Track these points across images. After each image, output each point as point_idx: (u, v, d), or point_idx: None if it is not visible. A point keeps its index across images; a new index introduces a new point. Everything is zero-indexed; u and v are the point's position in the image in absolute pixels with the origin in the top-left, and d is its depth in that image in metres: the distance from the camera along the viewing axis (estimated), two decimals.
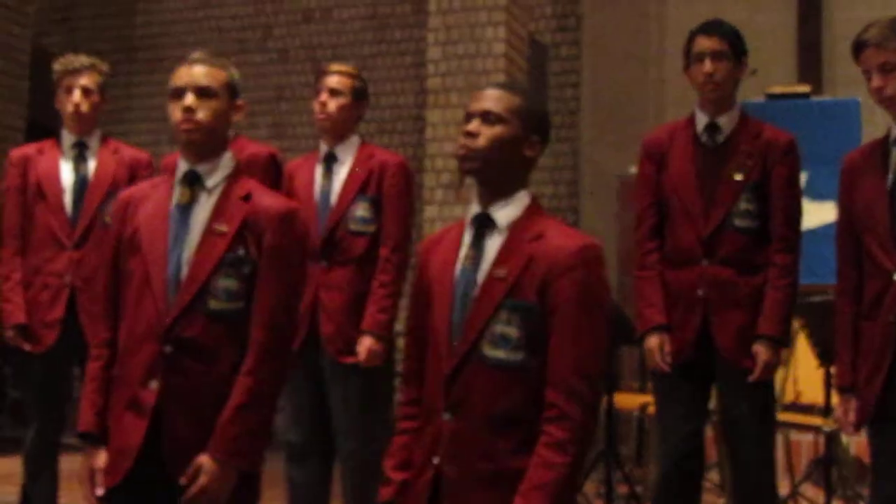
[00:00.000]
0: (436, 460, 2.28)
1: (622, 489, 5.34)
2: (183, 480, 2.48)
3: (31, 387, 4.15)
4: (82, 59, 4.20)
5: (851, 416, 3.11)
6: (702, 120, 3.65)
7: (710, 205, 3.55)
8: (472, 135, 2.34)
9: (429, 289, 2.40)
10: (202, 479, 2.48)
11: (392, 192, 3.96)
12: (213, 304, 2.55)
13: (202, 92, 2.62)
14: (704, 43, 3.60)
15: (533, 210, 2.40)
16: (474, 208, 2.40)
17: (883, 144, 3.13)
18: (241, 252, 2.58)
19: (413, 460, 2.37)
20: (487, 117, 2.35)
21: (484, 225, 2.37)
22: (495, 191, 2.37)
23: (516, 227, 2.35)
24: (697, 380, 3.60)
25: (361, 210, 3.93)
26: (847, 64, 3.21)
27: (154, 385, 2.52)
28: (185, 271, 2.56)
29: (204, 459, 2.49)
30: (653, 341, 3.62)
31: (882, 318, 2.99)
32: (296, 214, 2.70)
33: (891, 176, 3.05)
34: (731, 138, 3.60)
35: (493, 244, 2.34)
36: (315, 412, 3.92)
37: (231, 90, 2.69)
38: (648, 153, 3.76)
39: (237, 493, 2.54)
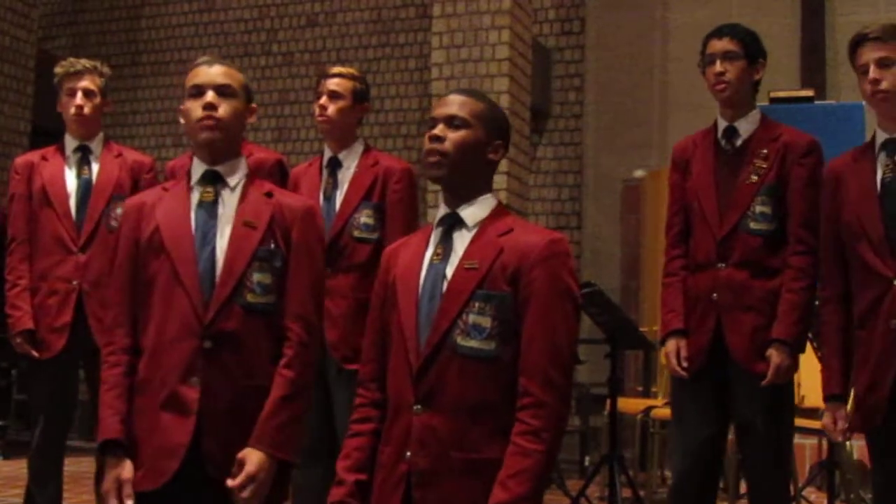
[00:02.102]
0: (408, 455, 2.29)
1: (626, 493, 5.34)
2: (231, 484, 2.46)
3: (38, 390, 4.15)
4: (84, 62, 4.22)
5: (841, 425, 3.13)
6: (721, 124, 3.65)
7: (726, 208, 3.55)
8: (438, 138, 2.38)
9: (393, 289, 2.42)
10: (248, 468, 2.47)
11: (395, 199, 3.95)
12: (250, 298, 2.58)
13: (222, 90, 2.64)
14: (716, 44, 3.62)
15: (500, 210, 2.45)
16: (442, 210, 2.44)
17: (869, 149, 3.11)
18: (272, 246, 2.62)
19: (378, 460, 2.37)
20: (452, 122, 2.40)
21: (452, 224, 2.41)
22: (462, 194, 2.42)
23: (485, 224, 2.39)
24: (715, 385, 3.57)
25: (365, 217, 3.92)
26: (850, 67, 3.19)
27: (195, 381, 2.52)
28: (219, 266, 2.58)
29: (247, 453, 2.49)
30: (670, 346, 3.63)
31: (881, 324, 2.96)
32: (317, 211, 2.78)
33: (879, 181, 3.04)
34: (750, 141, 3.59)
35: (462, 240, 2.38)
36: (320, 417, 3.92)
37: (246, 92, 2.73)
38: (674, 161, 3.79)
39: (275, 482, 2.55)
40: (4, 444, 7.31)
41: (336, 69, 4.08)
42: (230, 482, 2.47)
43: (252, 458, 2.49)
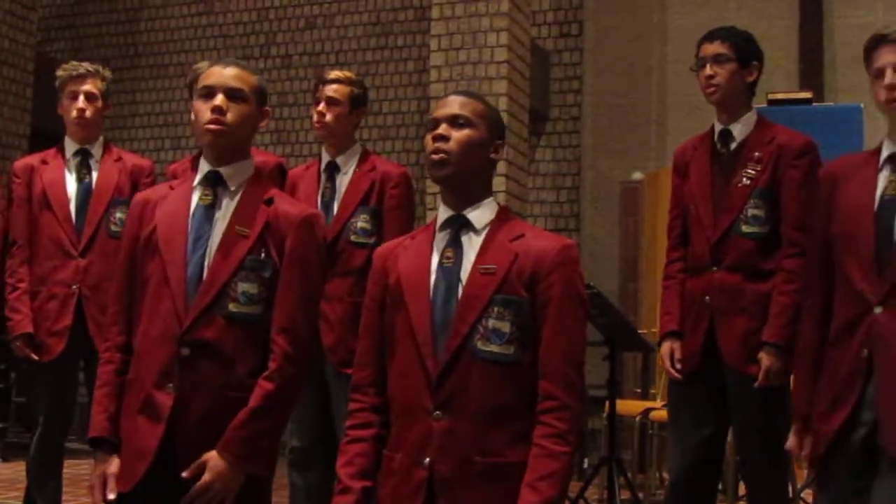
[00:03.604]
0: (427, 460, 2.28)
1: (625, 494, 5.35)
2: (186, 475, 2.45)
3: (37, 393, 4.15)
4: (86, 65, 4.22)
5: (807, 449, 2.90)
6: (717, 128, 3.67)
7: (719, 212, 3.56)
8: (443, 137, 2.38)
9: (397, 292, 2.40)
10: (206, 477, 2.44)
11: (393, 204, 3.96)
12: (232, 307, 2.52)
13: (233, 93, 2.58)
14: (707, 48, 3.63)
15: (505, 213, 2.45)
16: (445, 212, 2.43)
17: (873, 158, 2.88)
18: (262, 255, 2.55)
19: (387, 466, 2.36)
20: (455, 121, 2.39)
21: (459, 227, 2.40)
22: (466, 196, 2.41)
23: (494, 228, 2.39)
24: (711, 386, 3.57)
25: (362, 221, 3.92)
26: (848, 69, 3.17)
27: (170, 388, 2.48)
28: (205, 273, 2.53)
29: (211, 457, 2.46)
30: (664, 348, 3.67)
31: (853, 350, 2.73)
32: (317, 220, 2.68)
33: (878, 196, 2.79)
34: (744, 144, 3.59)
35: (473, 243, 2.38)
36: (318, 420, 3.93)
37: (260, 95, 2.67)
38: (675, 164, 3.81)
39: (245, 496, 2.50)
40: (4, 447, 7.31)
41: (333, 74, 4.08)
42: (187, 495, 2.44)
43: (212, 465, 2.45)
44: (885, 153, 2.84)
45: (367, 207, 3.94)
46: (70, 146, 4.22)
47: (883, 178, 2.81)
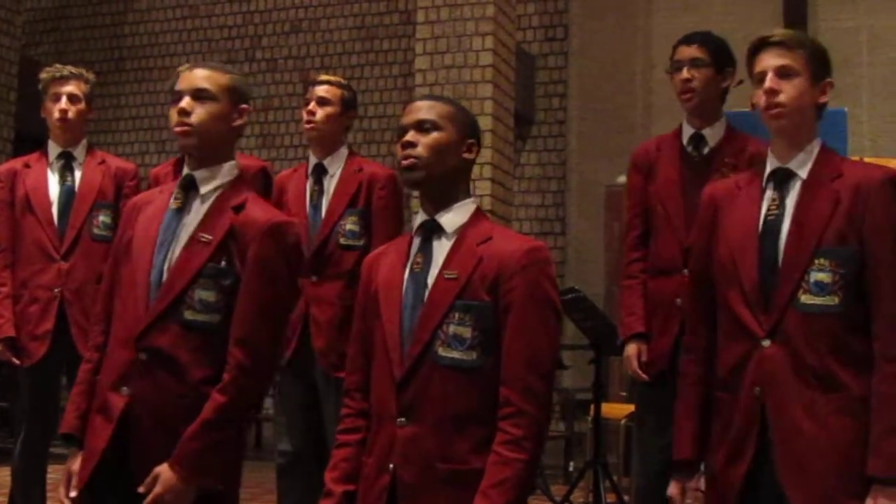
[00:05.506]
0: (391, 466, 2.27)
1: (610, 498, 5.35)
2: (141, 489, 2.43)
3: (20, 398, 4.14)
4: (69, 68, 4.22)
5: (690, 497, 2.67)
6: (688, 131, 3.67)
7: (692, 215, 3.55)
8: (411, 144, 2.37)
9: (376, 298, 2.40)
10: (157, 489, 2.42)
11: (381, 206, 3.96)
12: (188, 315, 2.49)
13: (198, 94, 2.56)
14: (684, 51, 3.64)
15: (479, 216, 2.43)
16: (421, 217, 2.43)
17: (758, 178, 2.66)
18: (223, 264, 2.51)
19: (362, 471, 2.36)
20: (422, 126, 2.38)
21: (432, 231, 2.39)
22: (440, 199, 2.40)
23: (464, 232, 2.37)
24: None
25: (351, 224, 3.92)
26: (833, 74, 3.14)
27: (125, 391, 2.48)
28: (164, 278, 2.52)
29: (162, 469, 2.43)
30: (630, 349, 3.66)
31: (745, 391, 2.50)
32: (285, 227, 2.58)
33: (762, 218, 2.58)
34: (717, 150, 3.60)
35: (442, 248, 2.37)
36: (308, 423, 3.92)
37: (233, 94, 2.61)
38: (636, 164, 3.80)
39: None
40: None
41: (324, 76, 4.10)
42: None
43: (164, 477, 2.42)
44: (768, 170, 2.63)
45: (355, 210, 3.94)
46: (53, 149, 4.20)
47: (767, 198, 2.59)
